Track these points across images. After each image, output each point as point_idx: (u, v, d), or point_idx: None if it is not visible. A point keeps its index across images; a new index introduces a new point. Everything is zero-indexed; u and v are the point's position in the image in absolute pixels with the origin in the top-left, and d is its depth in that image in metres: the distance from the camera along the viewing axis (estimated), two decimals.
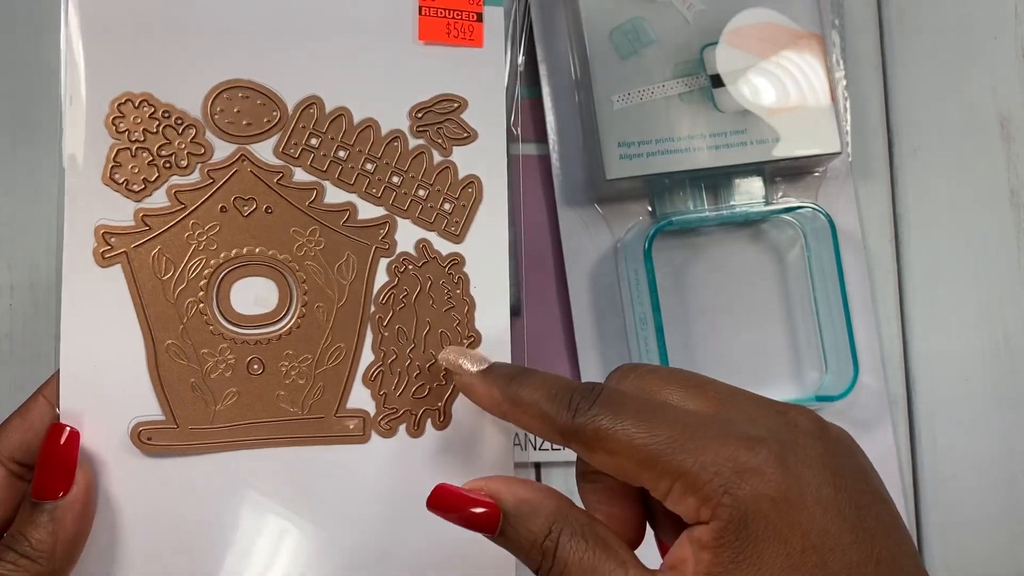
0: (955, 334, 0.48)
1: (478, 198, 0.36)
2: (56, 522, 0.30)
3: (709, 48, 0.44)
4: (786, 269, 0.47)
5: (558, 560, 0.28)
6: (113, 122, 0.33)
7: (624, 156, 0.43)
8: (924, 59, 0.49)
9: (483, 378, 0.31)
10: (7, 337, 0.45)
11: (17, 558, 0.30)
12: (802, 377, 0.46)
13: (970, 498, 0.47)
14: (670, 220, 0.44)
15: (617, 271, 0.46)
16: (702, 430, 0.27)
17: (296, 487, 0.34)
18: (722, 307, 0.47)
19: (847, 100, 0.48)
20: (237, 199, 0.34)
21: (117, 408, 0.33)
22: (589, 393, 0.28)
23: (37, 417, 0.33)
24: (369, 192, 0.36)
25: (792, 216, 0.46)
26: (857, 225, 0.47)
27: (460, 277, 0.36)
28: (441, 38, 0.36)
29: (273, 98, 0.35)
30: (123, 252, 0.33)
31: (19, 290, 0.45)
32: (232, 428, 0.34)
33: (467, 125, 0.36)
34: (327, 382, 0.35)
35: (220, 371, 0.34)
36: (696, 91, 0.44)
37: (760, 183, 0.45)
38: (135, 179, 0.34)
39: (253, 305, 0.35)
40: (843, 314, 0.44)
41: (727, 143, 0.43)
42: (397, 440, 0.35)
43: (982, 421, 0.48)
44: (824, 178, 0.47)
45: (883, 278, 0.48)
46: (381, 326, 0.35)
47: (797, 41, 0.44)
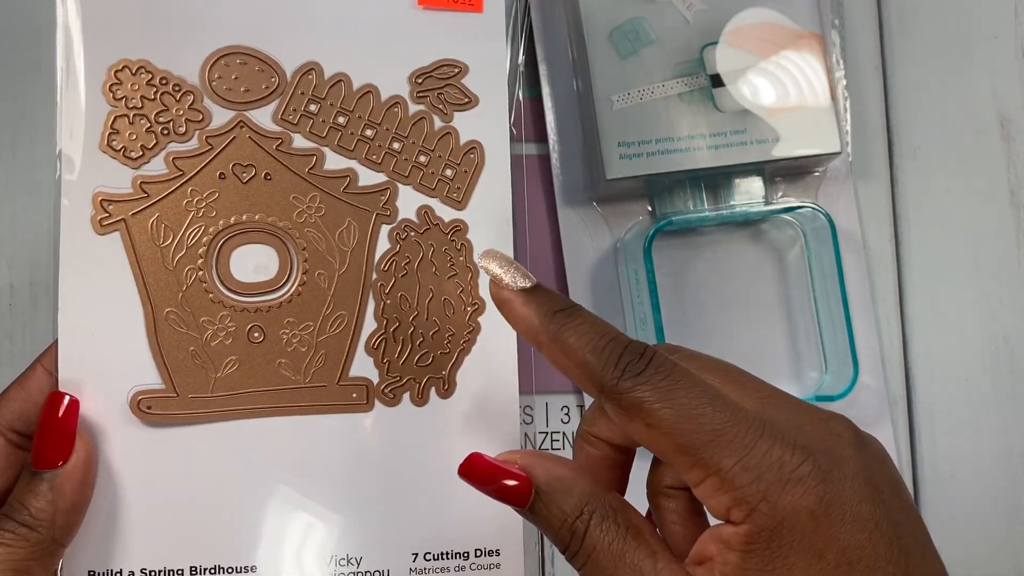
0: (955, 334, 0.48)
1: (480, 164, 0.36)
2: (55, 491, 0.30)
3: (709, 48, 0.44)
4: (786, 269, 0.47)
5: (587, 541, 0.27)
6: (110, 89, 0.33)
7: (624, 156, 0.43)
8: (924, 59, 0.49)
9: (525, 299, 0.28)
10: (7, 337, 0.45)
11: (16, 527, 0.30)
12: (802, 377, 0.46)
13: (970, 498, 0.47)
14: (670, 220, 0.44)
15: (617, 271, 0.46)
16: (746, 428, 0.26)
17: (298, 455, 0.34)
18: (722, 307, 0.47)
19: (847, 100, 0.48)
20: (236, 166, 0.34)
21: (116, 377, 0.33)
22: (640, 357, 0.27)
23: (35, 386, 0.33)
24: (369, 158, 0.35)
25: (792, 216, 0.46)
26: (857, 225, 0.47)
27: (463, 244, 0.36)
28: (441, 2, 0.36)
29: (271, 64, 0.34)
30: (121, 219, 0.33)
31: (19, 290, 0.45)
32: (233, 396, 0.34)
33: (468, 90, 0.36)
34: (329, 350, 0.35)
35: (220, 339, 0.34)
36: (696, 91, 0.44)
37: (760, 183, 0.45)
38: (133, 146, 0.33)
39: (253, 272, 0.34)
40: (843, 314, 0.44)
41: (727, 143, 0.43)
42: (401, 408, 0.35)
43: (982, 421, 0.48)
44: (824, 178, 0.47)
45: (883, 278, 0.48)
46: (383, 293, 0.35)
47: (797, 41, 0.44)
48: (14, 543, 0.29)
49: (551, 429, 0.44)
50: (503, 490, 0.28)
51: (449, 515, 0.35)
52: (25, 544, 0.30)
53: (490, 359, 0.35)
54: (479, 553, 0.35)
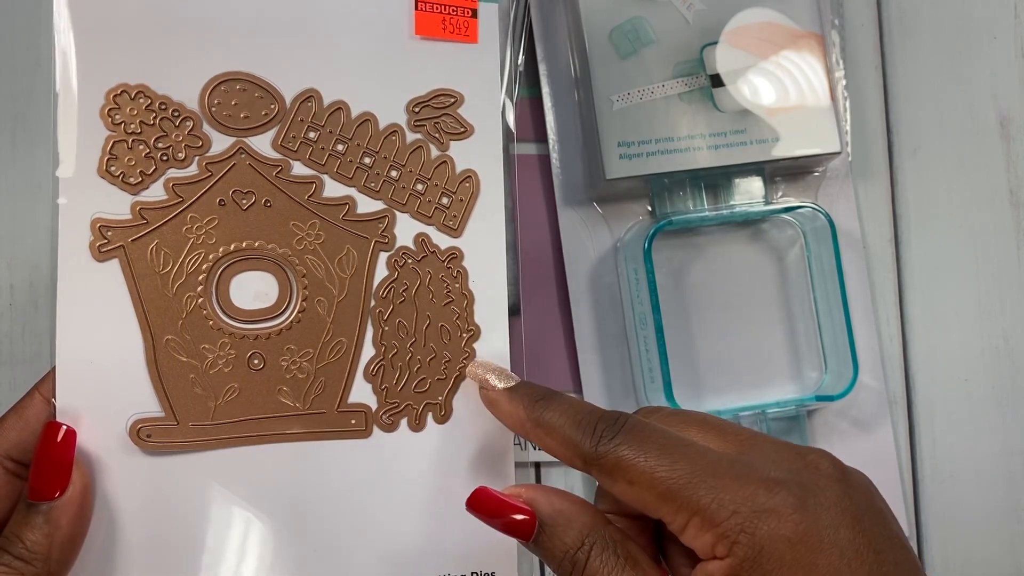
0: (955, 334, 0.48)
1: (475, 192, 0.36)
2: (51, 523, 0.30)
3: (709, 48, 0.44)
4: (786, 269, 0.47)
5: (588, 571, 0.28)
6: (108, 113, 0.33)
7: (624, 156, 0.43)
8: (924, 59, 0.49)
9: (509, 396, 0.32)
10: (7, 337, 0.45)
11: (11, 560, 0.29)
12: (802, 377, 0.46)
13: (970, 498, 0.47)
14: (670, 220, 0.44)
15: (617, 271, 0.46)
16: (723, 469, 0.27)
17: (298, 483, 0.34)
18: (722, 307, 0.47)
19: (847, 100, 0.48)
20: (236, 192, 0.34)
21: (115, 405, 0.33)
22: (614, 423, 0.29)
23: (33, 415, 0.32)
24: (368, 186, 0.36)
25: (792, 216, 0.46)
26: (857, 225, 0.47)
27: (459, 271, 0.36)
28: (437, 33, 0.36)
29: (271, 91, 0.34)
30: (120, 246, 0.33)
31: (19, 290, 0.45)
32: (233, 424, 0.34)
33: (463, 120, 0.36)
34: (328, 377, 0.35)
35: (220, 366, 0.34)
36: (696, 91, 0.44)
37: (760, 183, 0.45)
38: (132, 172, 0.33)
39: (253, 299, 0.34)
40: (843, 314, 0.44)
41: (727, 143, 0.43)
42: (399, 435, 0.35)
43: (982, 421, 0.48)
44: (824, 178, 0.47)
45: (883, 278, 0.48)
46: (381, 320, 0.35)
47: (797, 41, 0.44)
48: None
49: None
50: (510, 524, 0.29)
51: (446, 538, 0.35)
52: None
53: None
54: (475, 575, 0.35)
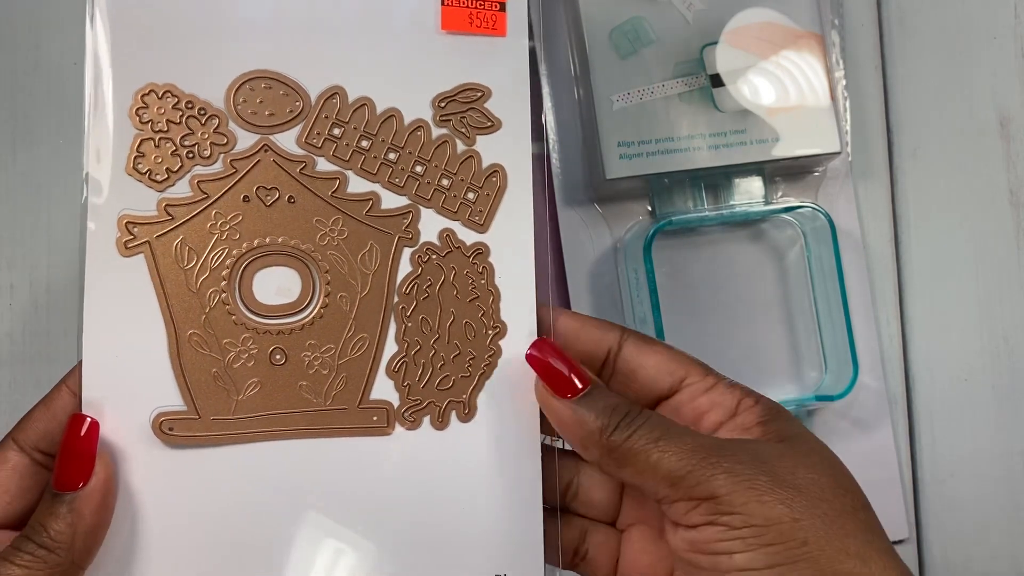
0: (955, 334, 0.48)
1: (502, 187, 0.36)
2: (75, 513, 0.30)
3: (709, 48, 0.44)
4: (786, 269, 0.47)
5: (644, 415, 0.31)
6: (137, 113, 0.33)
7: (624, 156, 0.43)
8: (924, 59, 0.49)
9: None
10: (7, 337, 0.45)
11: (35, 548, 0.30)
12: (802, 377, 0.46)
13: (970, 498, 0.47)
14: (670, 220, 0.44)
15: (617, 271, 0.46)
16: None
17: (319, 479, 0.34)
18: (722, 307, 0.47)
19: (847, 100, 0.48)
20: (260, 189, 0.34)
21: (139, 398, 0.33)
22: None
23: (60, 407, 0.33)
24: (392, 181, 0.35)
25: (792, 216, 0.46)
26: (857, 225, 0.47)
27: (484, 267, 0.35)
28: (464, 28, 0.36)
29: (296, 88, 0.34)
30: (146, 242, 0.33)
31: (19, 290, 0.45)
32: (254, 419, 0.34)
33: (491, 114, 0.36)
34: (350, 373, 0.34)
35: (243, 361, 0.34)
36: (696, 91, 0.44)
37: (760, 183, 0.45)
38: (158, 169, 0.33)
39: (276, 295, 0.34)
40: (843, 314, 0.44)
41: (727, 143, 0.43)
42: (421, 432, 0.35)
43: (982, 421, 0.48)
44: (824, 178, 0.47)
45: (883, 278, 0.48)
46: (404, 316, 0.35)
47: (797, 41, 0.44)
48: (33, 565, 0.29)
49: None
50: (574, 368, 0.32)
51: (469, 541, 0.35)
52: (44, 567, 0.29)
53: (511, 383, 0.35)
54: None
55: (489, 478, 0.34)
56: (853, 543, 0.29)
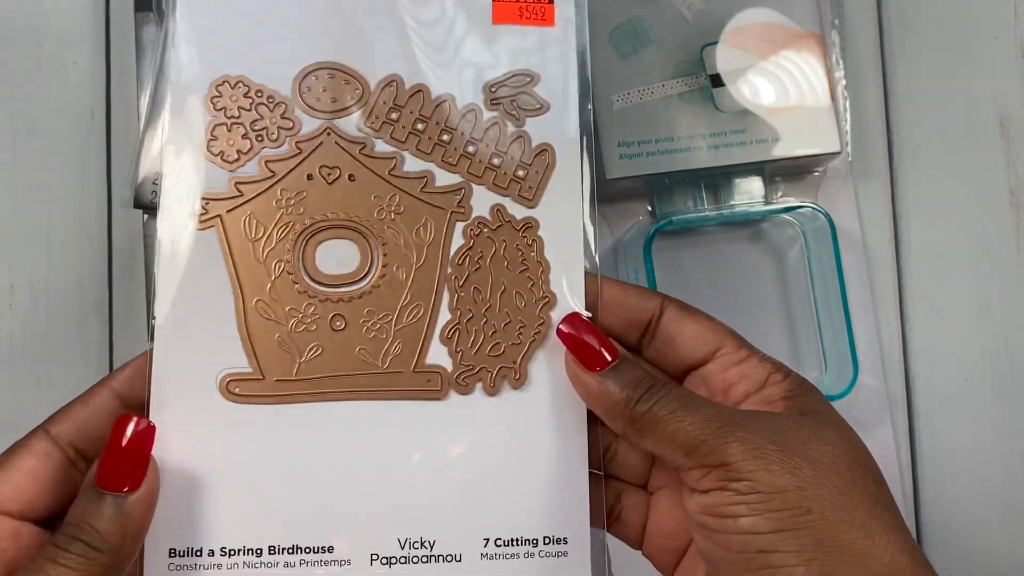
0: (955, 334, 0.48)
1: (551, 164, 0.37)
2: (126, 516, 0.30)
3: (709, 48, 0.44)
4: (786, 269, 0.47)
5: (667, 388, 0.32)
6: (212, 101, 0.36)
7: (624, 156, 0.43)
8: (924, 59, 0.49)
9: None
10: (7, 337, 0.45)
11: (86, 549, 0.29)
12: None
13: (970, 498, 0.47)
14: (670, 220, 0.44)
15: (617, 271, 0.46)
16: None
17: (375, 439, 0.36)
18: (722, 307, 0.46)
19: (847, 100, 0.48)
20: (323, 167, 0.37)
21: (208, 360, 0.35)
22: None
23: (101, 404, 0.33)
24: (446, 161, 0.37)
25: (792, 216, 0.46)
26: (857, 225, 0.47)
27: (534, 240, 0.37)
28: (514, 19, 0.38)
29: (357, 77, 0.37)
30: (217, 216, 0.36)
31: (19, 290, 0.45)
32: (314, 380, 0.36)
33: (539, 97, 0.38)
34: (406, 339, 0.36)
35: (305, 326, 0.36)
36: (696, 91, 0.44)
37: (760, 183, 0.45)
38: (230, 151, 0.36)
39: (336, 265, 0.36)
40: (843, 314, 0.44)
41: (727, 143, 0.43)
42: (474, 397, 0.36)
43: (982, 421, 0.48)
44: (824, 178, 0.47)
45: (883, 278, 0.48)
46: (457, 286, 0.37)
47: (797, 41, 0.44)
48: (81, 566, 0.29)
49: None
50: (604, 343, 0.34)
51: (519, 503, 0.36)
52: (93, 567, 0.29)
53: (561, 351, 0.36)
54: (547, 541, 0.36)
55: (539, 443, 0.36)
56: (859, 515, 0.29)
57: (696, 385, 0.35)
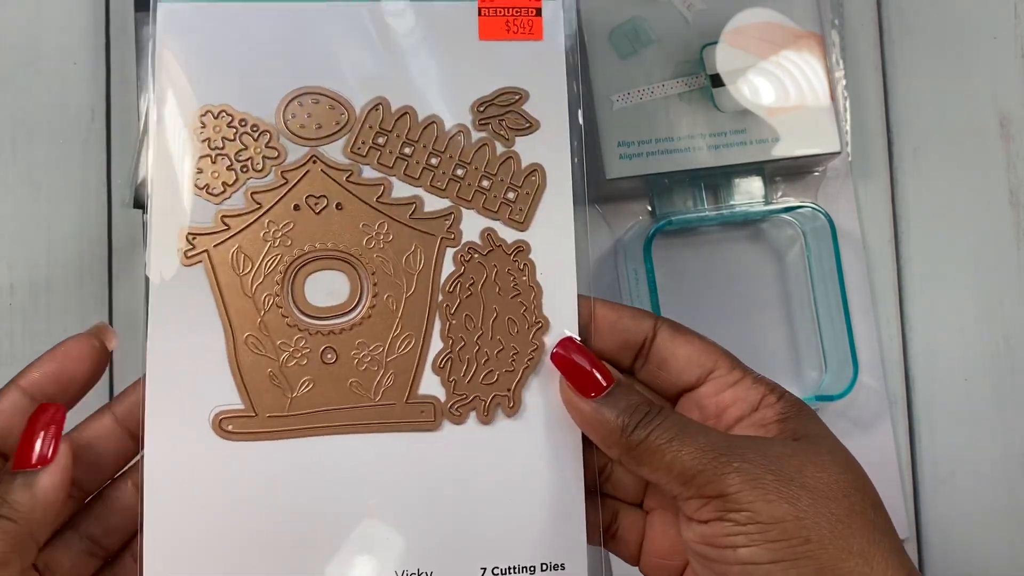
0: (955, 334, 0.48)
1: (541, 186, 0.37)
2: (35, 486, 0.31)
3: (709, 48, 0.44)
4: (786, 269, 0.47)
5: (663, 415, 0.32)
6: (196, 132, 0.36)
7: (624, 156, 0.43)
8: (924, 59, 0.49)
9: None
10: (7, 337, 0.45)
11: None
12: (802, 377, 0.46)
13: (970, 498, 0.47)
14: (670, 220, 0.44)
15: (617, 271, 0.46)
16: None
17: (370, 472, 0.36)
18: (722, 307, 0.47)
19: (847, 100, 0.48)
20: (309, 197, 0.36)
21: (199, 398, 0.35)
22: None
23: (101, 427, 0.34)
24: (434, 185, 0.37)
25: (792, 216, 0.46)
26: (857, 225, 0.47)
27: (525, 264, 0.37)
28: (501, 35, 0.37)
29: (342, 102, 0.36)
30: (204, 251, 0.35)
31: (19, 290, 0.45)
32: (307, 415, 0.35)
33: (529, 115, 0.37)
34: (398, 370, 0.36)
35: (296, 360, 0.36)
36: (696, 91, 0.44)
37: (760, 183, 0.45)
38: (215, 183, 0.36)
39: (326, 297, 0.36)
40: (843, 314, 0.44)
41: (727, 143, 0.43)
42: (468, 427, 0.36)
43: (982, 421, 0.48)
44: (824, 178, 0.47)
45: (883, 278, 0.48)
46: (449, 314, 0.36)
47: (797, 41, 0.44)
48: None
49: None
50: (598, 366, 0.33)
51: (515, 530, 0.36)
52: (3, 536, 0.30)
53: (555, 376, 0.36)
54: (544, 567, 0.36)
55: (534, 469, 0.36)
56: (858, 542, 0.29)
57: (690, 408, 0.35)
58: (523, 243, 0.37)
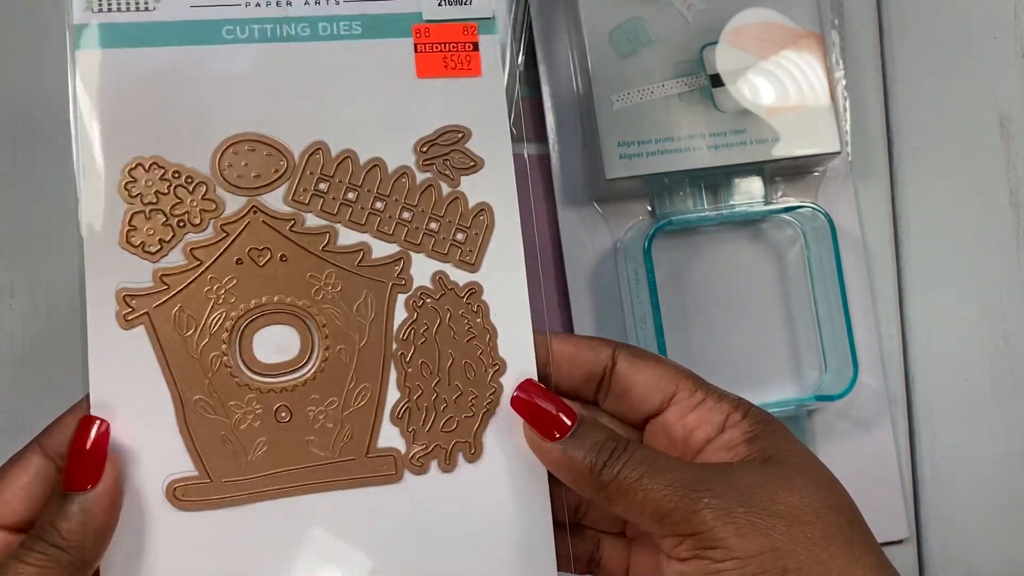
0: (955, 334, 0.48)
1: (490, 225, 0.36)
2: (87, 512, 0.31)
3: (709, 48, 0.44)
4: (786, 269, 0.47)
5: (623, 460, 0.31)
6: (126, 187, 0.34)
7: (624, 156, 0.43)
8: (924, 59, 0.49)
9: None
10: (7, 337, 0.45)
11: (47, 547, 0.30)
12: (802, 377, 0.46)
13: (970, 498, 0.47)
14: (670, 220, 0.44)
15: (617, 271, 0.46)
16: None
17: (332, 531, 0.35)
18: (722, 307, 0.47)
19: (847, 100, 0.48)
20: (252, 250, 0.35)
21: (150, 466, 0.33)
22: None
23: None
24: (381, 230, 0.36)
25: (792, 216, 0.46)
26: (857, 225, 0.47)
27: (479, 306, 0.36)
28: (439, 72, 0.36)
29: (279, 148, 0.35)
30: (145, 313, 0.34)
31: (19, 290, 0.45)
32: (265, 478, 0.34)
33: (472, 154, 0.36)
34: (355, 424, 0.35)
35: (248, 422, 0.34)
36: (696, 91, 0.44)
37: (760, 183, 0.45)
38: (151, 241, 0.34)
39: (276, 353, 0.35)
40: (843, 314, 0.44)
41: (727, 143, 0.43)
42: (430, 476, 0.35)
43: (982, 421, 0.48)
44: (824, 178, 0.47)
45: (883, 278, 0.48)
46: (404, 362, 0.35)
47: (797, 41, 0.44)
48: (45, 564, 0.30)
49: None
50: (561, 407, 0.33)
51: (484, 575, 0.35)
52: (55, 565, 0.30)
53: (515, 418, 0.35)
54: None
55: (500, 513, 0.35)
56: (836, 563, 0.29)
57: (656, 434, 0.34)
58: (475, 284, 0.36)
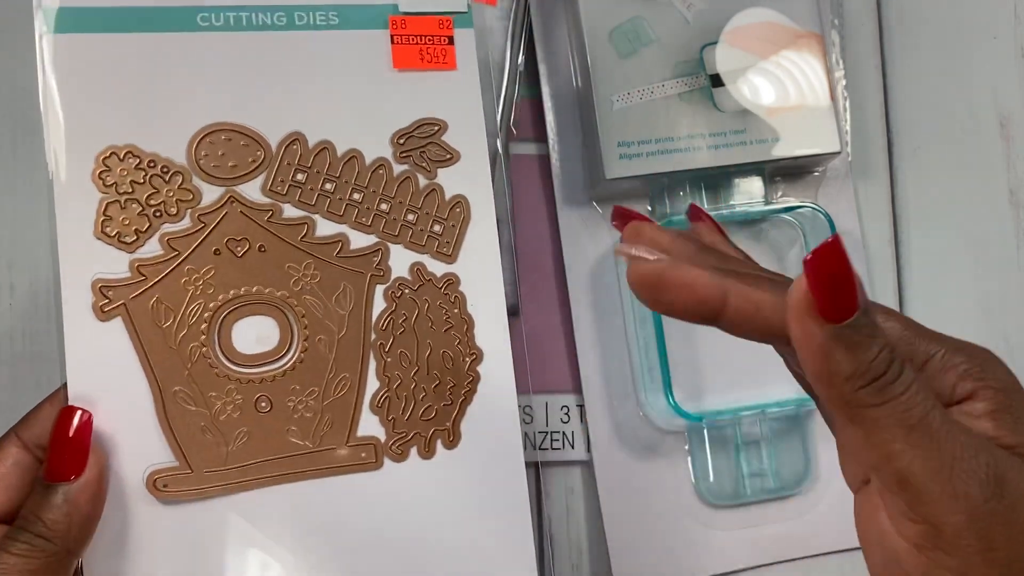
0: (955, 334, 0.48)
1: (467, 217, 0.37)
2: (71, 503, 0.30)
3: (709, 48, 0.44)
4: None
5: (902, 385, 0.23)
6: (100, 176, 0.34)
7: (624, 156, 0.43)
8: (924, 59, 0.49)
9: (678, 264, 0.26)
10: (7, 337, 0.45)
11: (32, 538, 0.30)
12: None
13: None
14: (670, 220, 0.44)
15: (617, 271, 0.46)
16: None
17: (313, 520, 0.35)
18: None
19: (847, 100, 0.48)
20: (230, 240, 0.35)
21: (131, 458, 0.33)
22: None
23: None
24: (359, 221, 0.36)
25: (792, 216, 0.46)
26: (857, 225, 0.47)
27: (456, 296, 0.36)
28: (415, 64, 0.37)
29: (256, 138, 0.35)
30: (122, 304, 0.34)
31: (19, 290, 0.45)
32: (246, 467, 0.34)
33: (449, 146, 0.37)
34: (335, 413, 0.35)
35: (229, 412, 0.34)
36: (696, 91, 0.44)
37: (760, 183, 0.45)
38: (127, 231, 0.34)
39: (255, 344, 0.35)
40: None
41: (727, 143, 0.43)
42: (409, 464, 0.35)
43: None
44: (824, 178, 0.47)
45: (883, 278, 0.48)
46: (383, 352, 0.36)
47: (797, 41, 0.44)
48: (30, 554, 0.30)
49: (551, 429, 0.44)
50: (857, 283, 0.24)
51: (464, 559, 0.35)
52: (40, 555, 0.30)
53: (492, 406, 0.36)
54: None
55: (478, 498, 0.35)
56: None
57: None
58: (453, 276, 0.36)
